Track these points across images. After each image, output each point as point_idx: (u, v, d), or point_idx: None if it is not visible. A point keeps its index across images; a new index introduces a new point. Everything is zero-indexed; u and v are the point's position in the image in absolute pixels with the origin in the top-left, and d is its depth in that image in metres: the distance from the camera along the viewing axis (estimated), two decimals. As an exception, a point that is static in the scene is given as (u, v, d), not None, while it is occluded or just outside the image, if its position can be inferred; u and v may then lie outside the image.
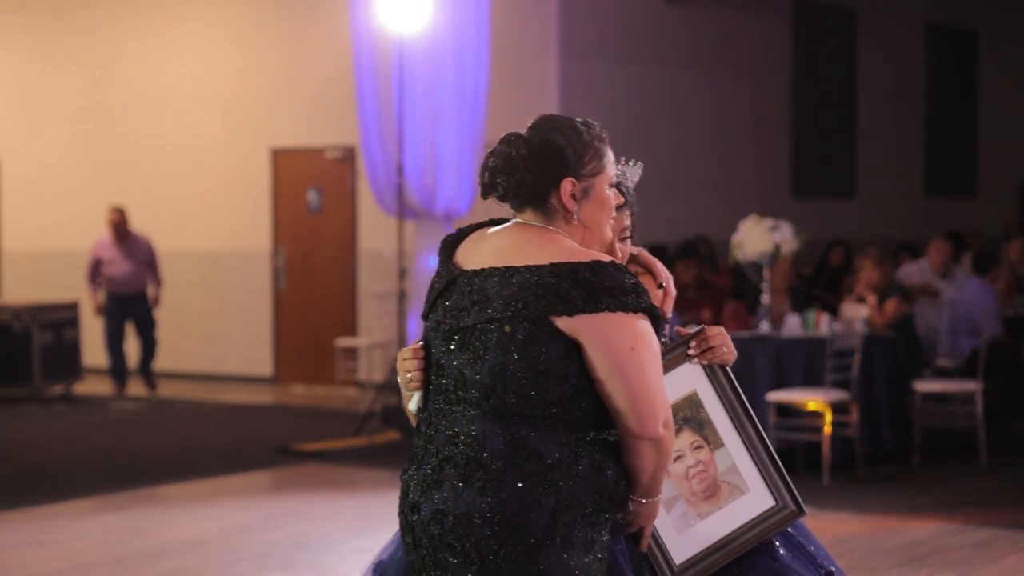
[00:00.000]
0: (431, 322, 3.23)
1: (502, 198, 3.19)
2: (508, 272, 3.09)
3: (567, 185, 3.15)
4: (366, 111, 11.72)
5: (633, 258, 3.54)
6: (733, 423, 3.43)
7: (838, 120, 17.38)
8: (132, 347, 14.31)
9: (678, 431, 3.38)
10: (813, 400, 9.45)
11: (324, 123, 14.68)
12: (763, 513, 3.41)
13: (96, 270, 13.91)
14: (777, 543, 3.42)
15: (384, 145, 11.71)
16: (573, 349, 3.03)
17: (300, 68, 14.86)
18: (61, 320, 14.08)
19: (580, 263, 3.04)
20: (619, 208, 3.34)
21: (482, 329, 3.09)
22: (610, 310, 3.01)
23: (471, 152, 11.46)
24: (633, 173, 3.51)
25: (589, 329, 3.02)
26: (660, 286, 3.50)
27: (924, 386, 10.31)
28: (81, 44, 16.38)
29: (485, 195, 3.21)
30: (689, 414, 3.42)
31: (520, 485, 3.01)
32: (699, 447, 3.42)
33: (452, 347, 3.14)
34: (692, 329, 3.45)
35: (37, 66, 16.71)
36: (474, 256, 3.19)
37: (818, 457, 9.51)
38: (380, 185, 11.85)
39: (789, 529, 3.48)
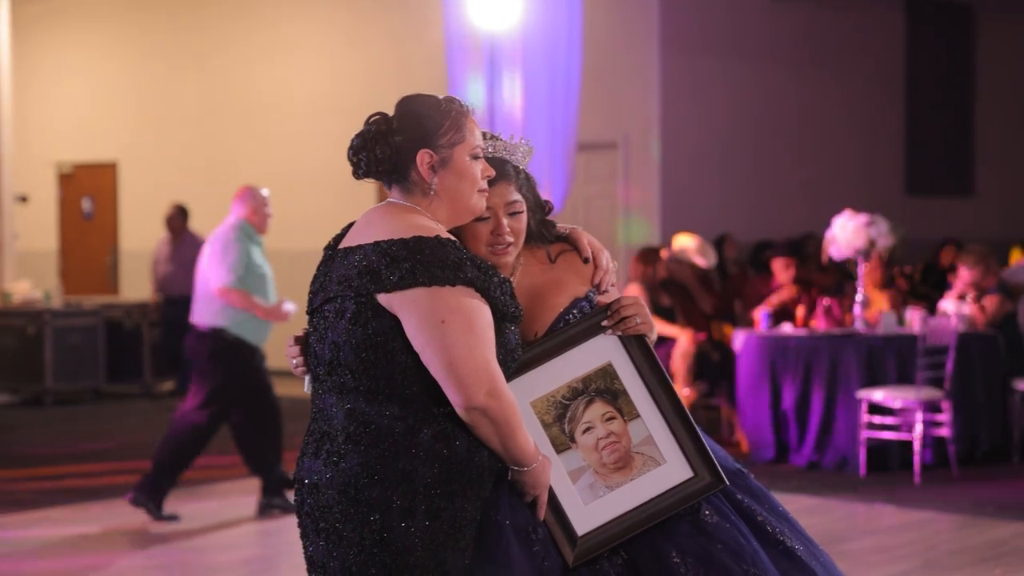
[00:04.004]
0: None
1: (366, 175, 3.25)
2: (347, 252, 3.20)
3: (424, 156, 3.19)
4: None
5: (562, 237, 3.49)
6: (650, 394, 3.38)
7: (954, 117, 16.98)
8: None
9: (589, 402, 3.35)
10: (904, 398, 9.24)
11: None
12: (679, 484, 3.33)
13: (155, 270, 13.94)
14: (707, 511, 3.32)
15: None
16: (397, 325, 3.12)
17: (404, 66, 14.93)
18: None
19: (400, 240, 3.10)
20: (495, 181, 3.31)
21: (324, 308, 3.23)
22: (425, 285, 3.07)
23: (563, 151, 11.37)
24: (520, 150, 3.43)
25: (404, 304, 3.09)
26: (586, 260, 3.46)
27: (1024, 385, 10.01)
28: (194, 44, 16.67)
29: (355, 175, 3.28)
30: (603, 385, 3.37)
31: (357, 457, 3.12)
32: (612, 418, 3.36)
33: (311, 327, 3.29)
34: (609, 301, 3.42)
35: (153, 68, 17.05)
36: (343, 241, 3.28)
37: (912, 456, 9.29)
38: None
39: (739, 496, 3.39)
